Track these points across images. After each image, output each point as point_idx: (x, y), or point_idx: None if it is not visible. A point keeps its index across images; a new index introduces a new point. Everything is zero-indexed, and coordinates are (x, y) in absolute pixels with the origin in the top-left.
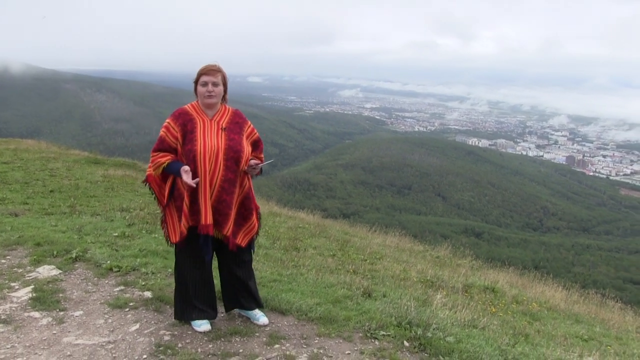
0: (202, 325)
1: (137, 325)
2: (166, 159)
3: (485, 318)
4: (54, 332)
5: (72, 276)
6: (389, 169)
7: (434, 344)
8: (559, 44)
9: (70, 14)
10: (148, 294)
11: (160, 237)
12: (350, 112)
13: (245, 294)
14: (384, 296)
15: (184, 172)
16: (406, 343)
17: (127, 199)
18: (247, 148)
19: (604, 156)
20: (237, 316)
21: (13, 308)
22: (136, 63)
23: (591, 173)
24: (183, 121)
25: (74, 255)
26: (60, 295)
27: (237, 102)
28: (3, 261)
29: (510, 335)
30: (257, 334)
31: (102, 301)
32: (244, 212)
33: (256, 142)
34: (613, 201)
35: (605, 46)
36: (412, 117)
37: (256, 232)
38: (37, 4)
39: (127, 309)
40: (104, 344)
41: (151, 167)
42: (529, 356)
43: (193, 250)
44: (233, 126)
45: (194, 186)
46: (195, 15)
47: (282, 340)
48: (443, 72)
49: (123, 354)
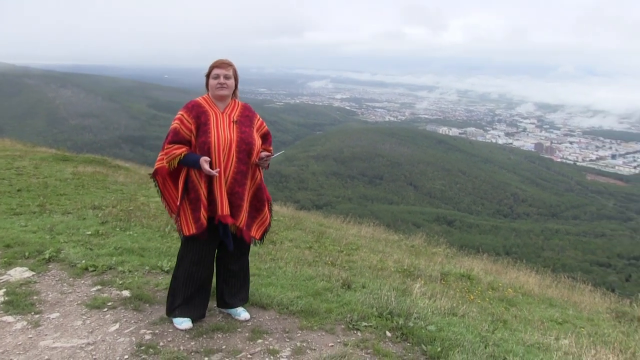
0: (184, 322)
1: (117, 325)
2: (182, 151)
3: (464, 306)
4: (30, 336)
5: (46, 277)
6: (361, 159)
7: (416, 333)
8: (526, 33)
9: (35, 7)
10: (126, 293)
11: (135, 235)
12: (320, 103)
13: (235, 290)
14: (364, 287)
15: (205, 162)
16: (388, 333)
17: (99, 196)
18: (258, 141)
19: (571, 143)
20: (218, 312)
21: None
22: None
23: (559, 159)
24: (197, 113)
25: (47, 255)
26: (34, 297)
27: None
28: None
29: (489, 321)
30: (239, 330)
31: (79, 302)
32: (257, 204)
33: (265, 135)
34: (580, 186)
35: (571, 35)
36: (383, 107)
37: (269, 224)
38: None
39: (106, 309)
40: (83, 346)
41: (164, 159)
42: (509, 341)
43: (203, 244)
44: (244, 119)
45: (216, 175)
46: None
47: (265, 334)
48: (412, 62)
49: (103, 355)
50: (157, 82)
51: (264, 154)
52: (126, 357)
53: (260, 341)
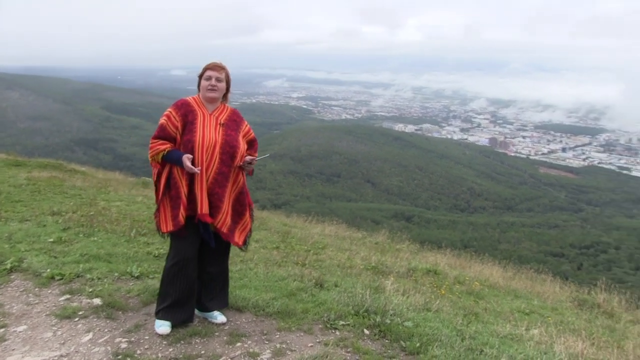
0: (162, 327)
1: (90, 334)
2: (165, 147)
3: (437, 301)
4: None
5: (9, 289)
6: (318, 158)
7: (394, 330)
8: (479, 31)
9: None
10: (97, 301)
11: (100, 241)
12: (277, 102)
13: (213, 294)
14: (336, 286)
15: (187, 159)
16: (366, 331)
17: (57, 202)
18: (243, 145)
19: (524, 137)
20: (195, 316)
21: None
22: (56, 58)
23: (512, 154)
24: (185, 112)
25: (9, 266)
26: None
27: (161, 96)
28: None
29: (462, 315)
30: (217, 334)
31: (48, 313)
32: (239, 208)
33: (251, 142)
34: (533, 179)
35: (521, 32)
36: (339, 105)
37: (250, 229)
38: None
39: (77, 319)
40: (56, 358)
41: (149, 154)
42: (483, 334)
43: (185, 244)
44: (231, 123)
45: (198, 172)
46: (116, 8)
47: (243, 337)
48: (368, 60)
49: None
50: (111, 84)
51: (249, 158)
52: None
53: (239, 344)
